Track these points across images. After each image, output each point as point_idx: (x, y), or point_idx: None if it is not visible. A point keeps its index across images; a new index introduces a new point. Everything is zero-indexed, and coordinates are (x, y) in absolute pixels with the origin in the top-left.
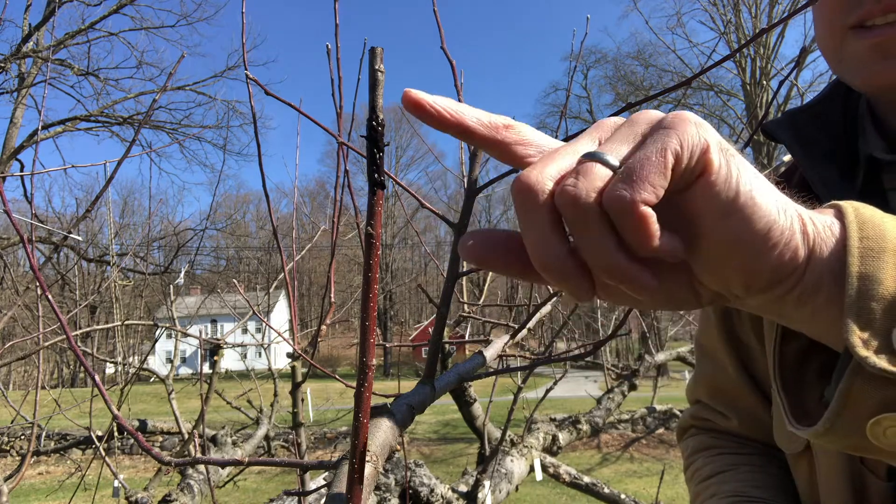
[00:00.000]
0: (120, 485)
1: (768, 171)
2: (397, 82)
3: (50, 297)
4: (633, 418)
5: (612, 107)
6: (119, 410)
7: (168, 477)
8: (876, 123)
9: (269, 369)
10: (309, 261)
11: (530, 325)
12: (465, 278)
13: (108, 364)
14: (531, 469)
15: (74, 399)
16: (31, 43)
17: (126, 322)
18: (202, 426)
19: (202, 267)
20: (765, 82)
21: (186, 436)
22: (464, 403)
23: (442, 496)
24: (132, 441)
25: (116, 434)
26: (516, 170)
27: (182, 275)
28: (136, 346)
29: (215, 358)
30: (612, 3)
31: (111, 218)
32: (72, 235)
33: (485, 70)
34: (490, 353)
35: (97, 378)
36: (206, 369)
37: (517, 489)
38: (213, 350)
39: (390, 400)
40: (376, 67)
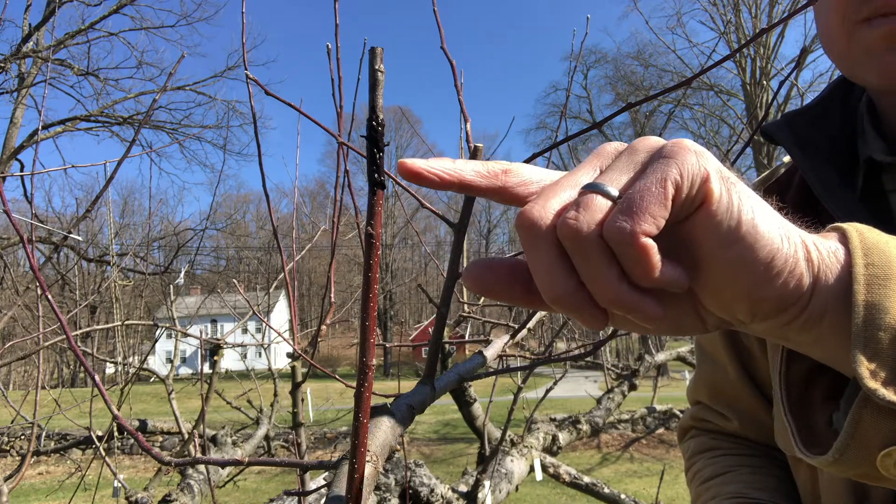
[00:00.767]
0: (120, 485)
1: (762, 176)
2: (397, 82)
3: (50, 297)
4: (633, 418)
5: (612, 107)
6: (119, 410)
7: (168, 477)
8: (875, 124)
9: (269, 369)
10: (309, 261)
11: (530, 325)
12: None
13: (108, 364)
14: (531, 469)
15: (74, 399)
16: (31, 43)
17: (126, 322)
18: (202, 426)
19: (202, 267)
20: (765, 82)
21: (186, 436)
22: (464, 403)
23: (442, 496)
24: (132, 441)
25: (116, 434)
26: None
27: (182, 275)
28: (136, 346)
29: (215, 358)
30: (612, 3)
31: (111, 218)
32: (72, 235)
33: (485, 70)
34: (490, 353)
35: (97, 378)
36: (206, 369)
37: (517, 489)
38: (213, 350)
39: (390, 400)
40: (376, 67)
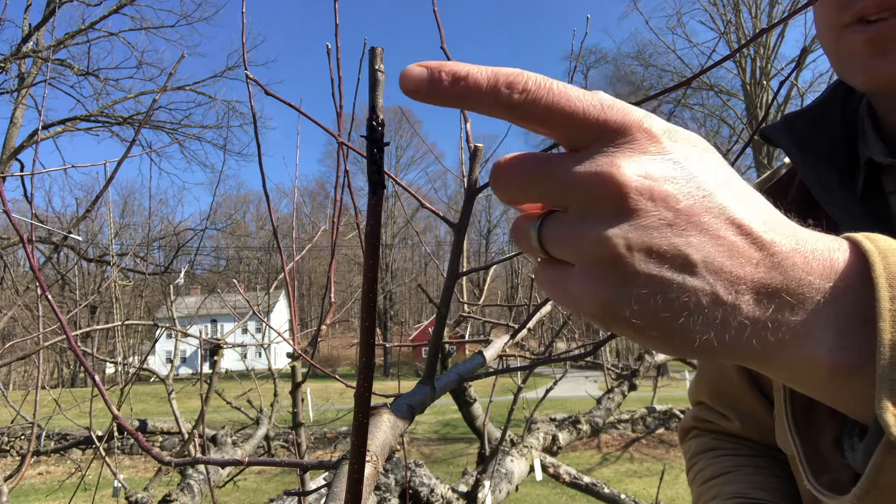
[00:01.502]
0: (120, 485)
1: (763, 177)
2: (397, 82)
3: (50, 297)
4: (633, 418)
5: None
6: (119, 410)
7: (168, 477)
8: (876, 126)
9: (269, 369)
10: (309, 261)
11: (530, 325)
12: (465, 278)
13: (108, 364)
14: (531, 469)
15: (74, 399)
16: (31, 43)
17: (126, 322)
18: (202, 426)
19: (202, 267)
20: (765, 82)
21: (186, 436)
22: (464, 403)
23: (442, 496)
24: (132, 441)
25: (116, 434)
26: None
27: (182, 275)
28: (136, 346)
29: (215, 358)
30: (612, 3)
31: (111, 218)
32: (72, 235)
33: None
34: (490, 353)
35: (97, 378)
36: (206, 369)
37: (517, 489)
38: (213, 350)
39: (390, 400)
40: (376, 67)
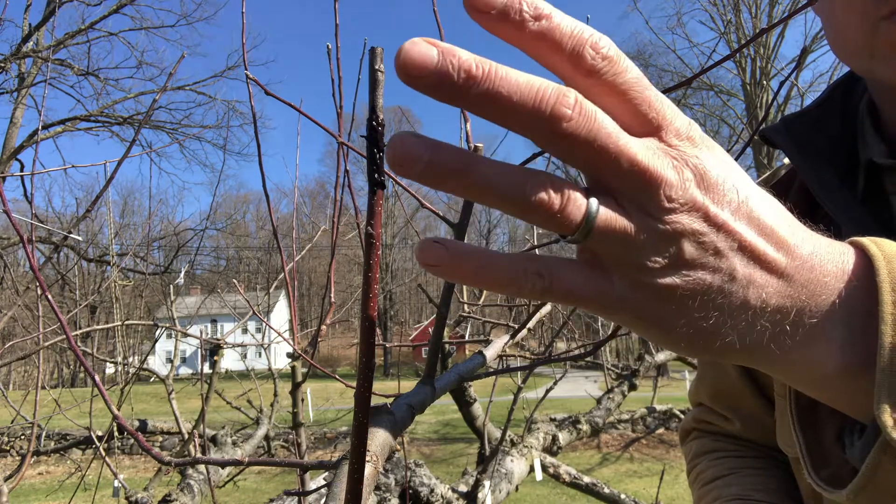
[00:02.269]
0: (120, 485)
1: (764, 177)
2: (398, 82)
3: (50, 297)
4: (633, 418)
5: None
6: (119, 410)
7: (168, 477)
8: (877, 126)
9: (269, 369)
10: (309, 261)
11: (530, 325)
12: None
13: (108, 364)
14: (531, 469)
15: (74, 399)
16: (31, 43)
17: (126, 322)
18: (202, 426)
19: (202, 267)
20: (765, 82)
21: (186, 436)
22: (464, 403)
23: (442, 496)
24: (132, 441)
25: (116, 434)
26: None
27: (182, 275)
28: (136, 346)
29: (215, 358)
30: (612, 3)
31: (111, 218)
32: (72, 235)
33: None
34: (490, 353)
35: (97, 378)
36: (206, 369)
37: (517, 489)
38: (213, 350)
39: (390, 400)
40: (376, 67)
